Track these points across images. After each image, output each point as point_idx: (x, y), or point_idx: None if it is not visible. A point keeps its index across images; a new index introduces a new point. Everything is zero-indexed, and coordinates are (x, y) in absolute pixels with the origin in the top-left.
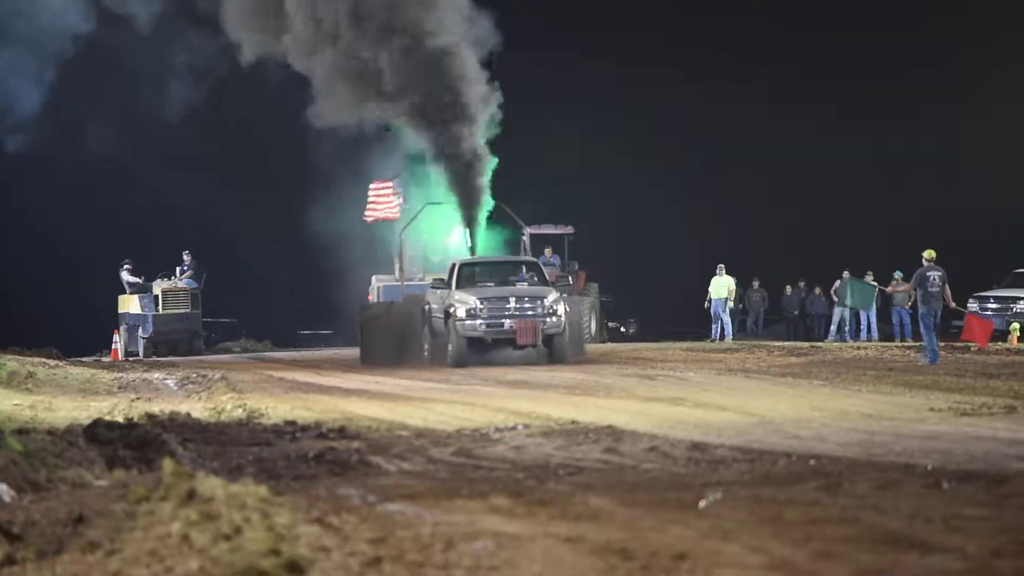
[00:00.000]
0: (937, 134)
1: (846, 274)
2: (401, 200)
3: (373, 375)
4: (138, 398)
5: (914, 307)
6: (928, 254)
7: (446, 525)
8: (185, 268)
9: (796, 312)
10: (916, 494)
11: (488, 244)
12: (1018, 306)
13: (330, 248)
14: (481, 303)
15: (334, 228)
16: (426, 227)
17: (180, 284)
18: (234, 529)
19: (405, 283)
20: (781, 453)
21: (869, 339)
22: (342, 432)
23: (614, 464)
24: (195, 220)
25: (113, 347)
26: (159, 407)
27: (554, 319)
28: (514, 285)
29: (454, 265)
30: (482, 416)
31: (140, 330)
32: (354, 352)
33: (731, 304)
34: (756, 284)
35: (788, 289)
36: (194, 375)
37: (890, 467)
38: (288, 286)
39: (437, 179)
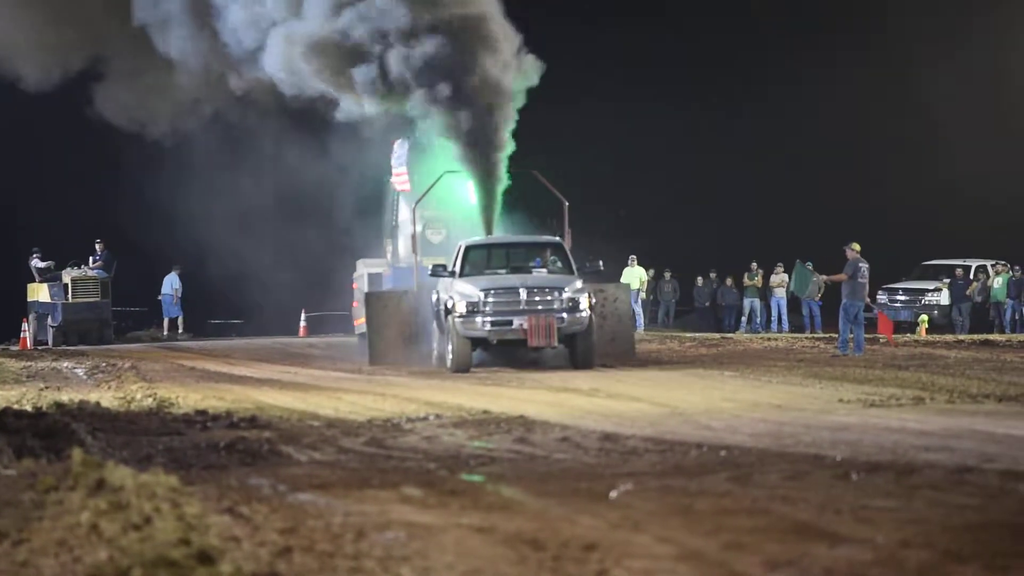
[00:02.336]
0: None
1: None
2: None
3: (284, 365)
4: (47, 387)
5: (823, 299)
6: (855, 247)
7: (357, 515)
8: (97, 258)
9: (707, 303)
10: (825, 485)
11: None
12: (926, 298)
13: (239, 235)
14: (484, 296)
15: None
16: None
17: (90, 273)
18: (144, 519)
19: (416, 268)
20: (692, 444)
21: (780, 330)
22: (253, 422)
23: (525, 454)
24: (110, 208)
25: (22, 336)
26: (68, 396)
27: (576, 315)
28: (530, 272)
29: (460, 247)
30: (394, 406)
31: (49, 319)
32: (264, 343)
33: (643, 295)
34: (668, 275)
35: (700, 280)
36: (104, 364)
37: (800, 458)
38: (199, 276)
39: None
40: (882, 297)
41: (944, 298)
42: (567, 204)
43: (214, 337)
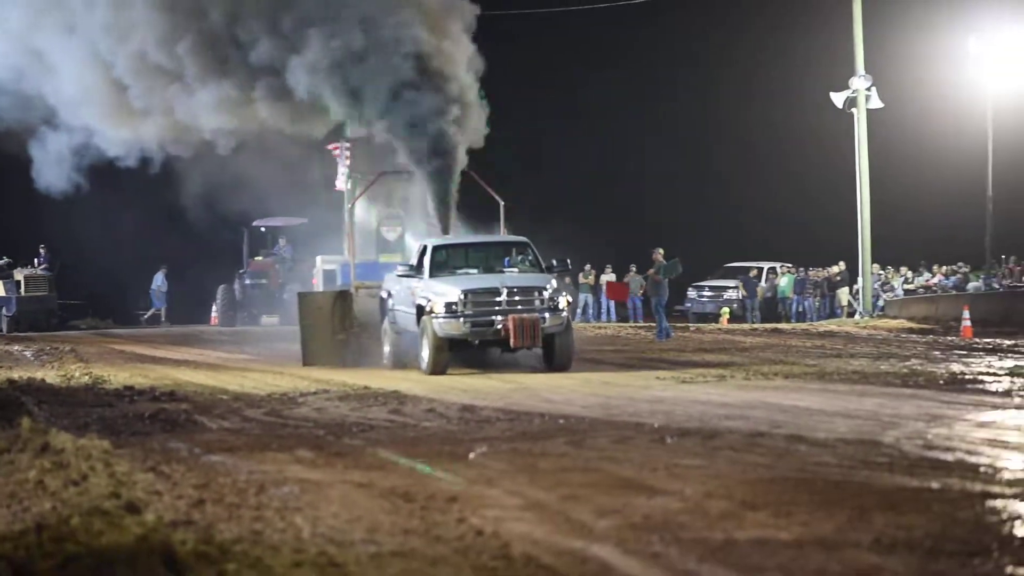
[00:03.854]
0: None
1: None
2: (346, 168)
3: (197, 348)
4: (0, 367)
5: (645, 295)
6: (661, 251)
7: (259, 473)
8: (42, 260)
9: None
10: (645, 447)
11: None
12: (727, 294)
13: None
14: (464, 296)
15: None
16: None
17: (39, 272)
18: (81, 476)
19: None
20: (536, 414)
21: (608, 320)
22: (172, 396)
23: (398, 423)
24: (51, 214)
25: None
26: (18, 374)
27: (556, 314)
28: (501, 272)
29: (425, 247)
30: (289, 383)
31: (4, 309)
32: (186, 331)
33: None
34: None
35: None
36: (48, 348)
37: (624, 425)
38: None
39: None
40: (691, 293)
41: (739, 293)
42: (503, 203)
43: (142, 325)
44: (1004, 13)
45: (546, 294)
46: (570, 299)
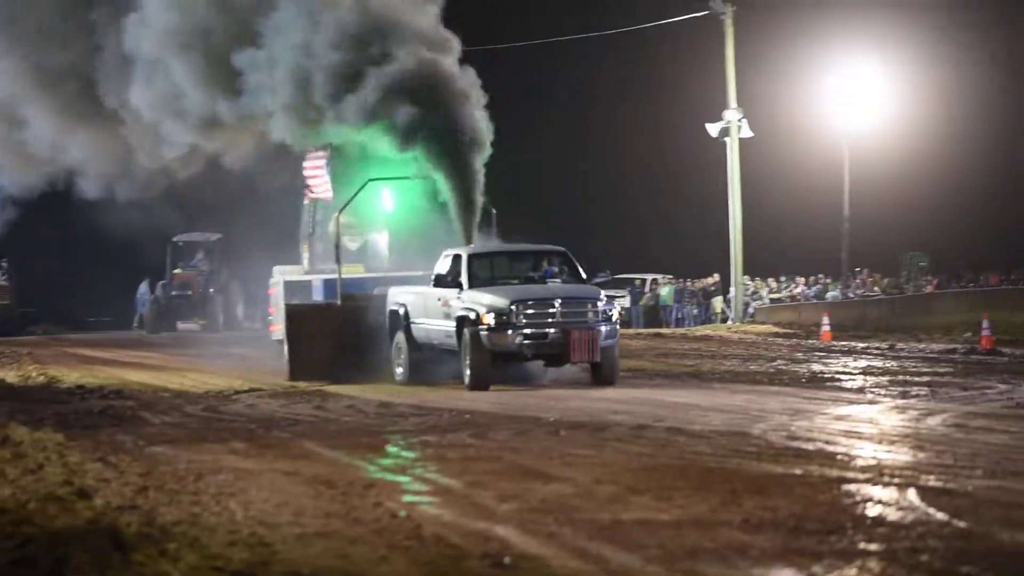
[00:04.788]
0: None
1: None
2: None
3: (142, 351)
4: None
5: None
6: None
7: (196, 462)
8: (3, 272)
9: None
10: (541, 439)
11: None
12: (617, 302)
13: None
14: (516, 307)
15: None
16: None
17: (2, 282)
18: (38, 465)
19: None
20: (444, 409)
21: None
22: (119, 394)
23: (322, 418)
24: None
25: None
26: None
27: (611, 327)
28: (544, 282)
29: (459, 256)
30: (225, 382)
31: None
32: (128, 335)
33: None
34: None
35: None
36: (7, 351)
37: (524, 420)
38: (78, 281)
39: (371, 153)
40: None
41: (627, 302)
42: (495, 212)
43: (92, 331)
44: (859, 52)
45: (600, 305)
46: (621, 311)
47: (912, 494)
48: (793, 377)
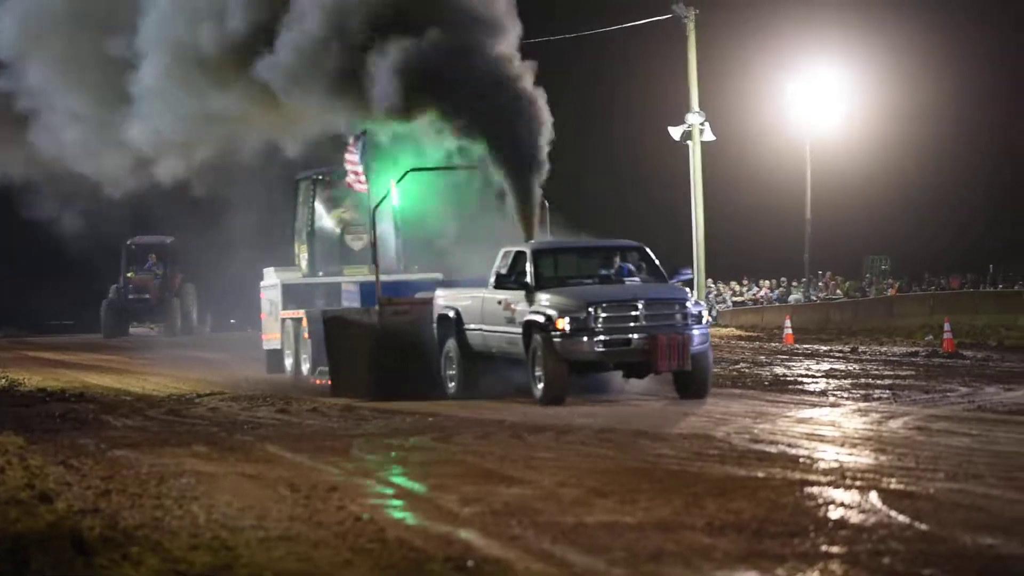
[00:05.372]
0: None
1: None
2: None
3: (104, 354)
4: None
5: None
6: None
7: (159, 466)
8: None
9: None
10: (505, 442)
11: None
12: None
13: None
14: (594, 311)
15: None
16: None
17: None
18: None
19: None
20: (407, 412)
21: None
22: (81, 397)
23: (285, 421)
24: None
25: None
26: None
27: (702, 331)
28: (620, 282)
29: (522, 254)
30: (187, 386)
31: None
32: (88, 338)
33: None
34: None
35: None
36: None
37: (487, 423)
38: (38, 285)
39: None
40: None
41: None
42: (547, 204)
43: (54, 334)
44: (819, 59)
45: (689, 307)
46: (714, 314)
47: (874, 497)
48: (756, 380)
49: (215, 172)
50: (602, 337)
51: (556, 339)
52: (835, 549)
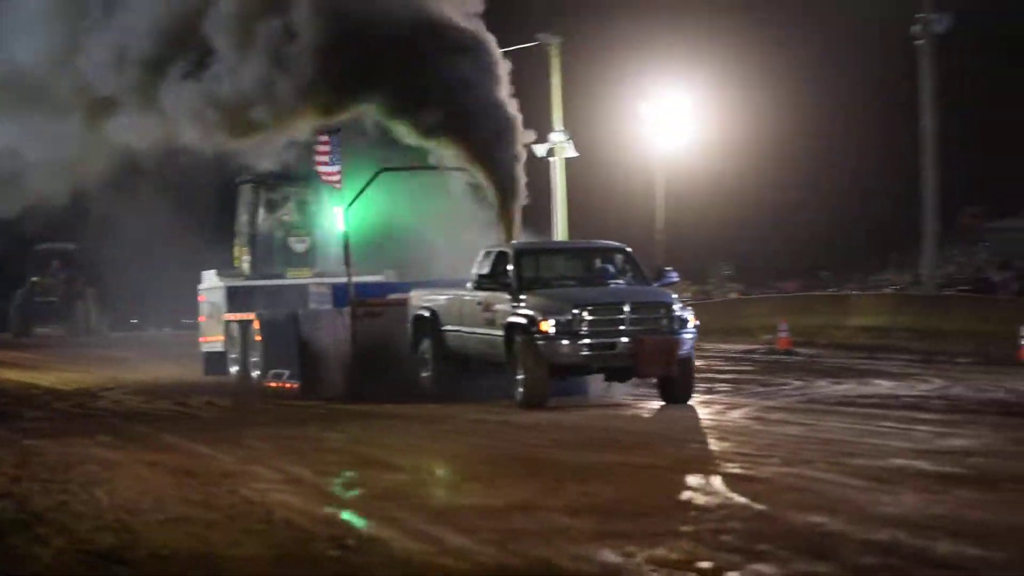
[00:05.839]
0: None
1: None
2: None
3: (14, 351)
4: None
5: None
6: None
7: (66, 454)
8: None
9: None
10: (387, 431)
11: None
12: None
13: None
14: (580, 313)
15: None
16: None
17: None
18: None
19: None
20: (298, 404)
21: None
22: None
23: (182, 412)
24: None
25: None
26: None
27: (690, 336)
28: (605, 284)
29: (503, 254)
30: (92, 380)
31: None
32: (3, 337)
33: None
34: None
35: None
36: None
37: (370, 415)
38: None
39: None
40: None
41: None
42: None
43: None
44: (667, 83)
45: (675, 311)
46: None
47: (717, 481)
48: None
49: (112, 189)
50: (587, 340)
51: (539, 341)
52: (681, 528)
